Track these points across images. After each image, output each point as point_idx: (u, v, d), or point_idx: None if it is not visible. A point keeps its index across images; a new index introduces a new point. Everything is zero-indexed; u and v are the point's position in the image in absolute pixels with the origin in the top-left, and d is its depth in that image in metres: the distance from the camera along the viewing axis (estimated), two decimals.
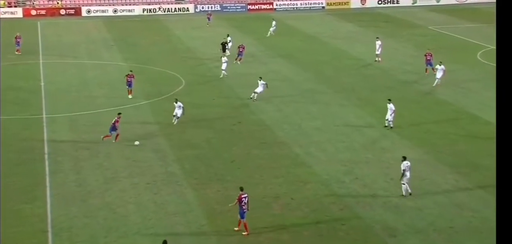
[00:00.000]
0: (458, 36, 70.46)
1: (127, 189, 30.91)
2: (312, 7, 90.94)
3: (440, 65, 49.04)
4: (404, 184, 29.82)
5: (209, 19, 78.47)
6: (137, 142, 36.54)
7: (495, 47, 63.35)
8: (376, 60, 56.93)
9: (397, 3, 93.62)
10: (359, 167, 33.48)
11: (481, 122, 40.94)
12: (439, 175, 32.46)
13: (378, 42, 57.83)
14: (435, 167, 33.40)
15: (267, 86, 45.87)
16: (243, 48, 57.57)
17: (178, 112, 39.88)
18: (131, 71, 47.92)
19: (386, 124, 39.18)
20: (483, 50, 62.67)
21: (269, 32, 70.34)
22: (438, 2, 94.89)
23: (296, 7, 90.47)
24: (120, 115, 37.74)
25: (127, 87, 46.51)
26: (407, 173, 29.79)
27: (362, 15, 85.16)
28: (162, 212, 28.58)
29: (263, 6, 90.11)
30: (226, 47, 58.91)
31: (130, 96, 46.04)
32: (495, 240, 25.85)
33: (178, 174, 32.68)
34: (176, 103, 40.31)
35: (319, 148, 36.34)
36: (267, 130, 39.50)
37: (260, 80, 45.97)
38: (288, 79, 52.25)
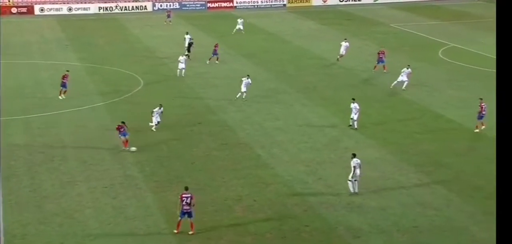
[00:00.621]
0: (420, 34, 71.40)
1: (84, 194, 30.57)
2: (273, 5, 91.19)
3: (407, 68, 48.97)
4: (350, 181, 30.04)
5: (169, 17, 78.13)
6: (133, 148, 35.45)
7: (458, 45, 64.49)
8: (338, 59, 57.16)
9: (358, 0, 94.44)
10: (322, 168, 33.67)
11: (444, 120, 41.54)
12: (403, 174, 32.83)
13: (346, 44, 57.51)
14: (399, 167, 33.77)
15: (250, 84, 45.58)
16: (218, 46, 57.20)
17: (156, 119, 38.74)
18: (67, 71, 47.45)
19: (351, 124, 39.45)
20: (444, 48, 63.63)
21: (235, 30, 70.28)
22: None
23: (257, 5, 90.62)
24: (124, 123, 36.48)
25: (61, 87, 45.89)
26: (357, 171, 30.03)
27: (324, 13, 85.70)
28: (121, 217, 28.33)
29: (223, 4, 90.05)
30: (191, 47, 58.46)
31: (61, 97, 45.36)
32: (457, 239, 26.38)
33: (137, 177, 32.44)
34: (159, 108, 39.10)
35: (282, 149, 36.45)
36: (228, 131, 39.46)
37: (245, 79, 45.62)
38: (249, 78, 52.21)
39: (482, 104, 39.26)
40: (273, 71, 54.65)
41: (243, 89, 45.41)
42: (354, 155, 30.55)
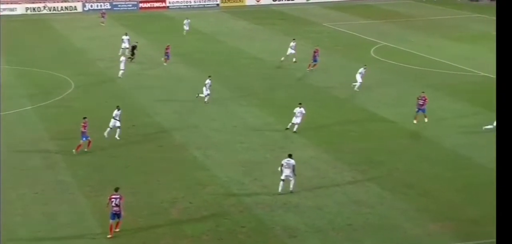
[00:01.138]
0: (353, 33, 72.44)
1: (14, 201, 29.76)
2: (206, 5, 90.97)
3: (364, 67, 49.28)
4: (282, 180, 30.27)
5: (103, 17, 76.90)
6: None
7: (388, 43, 65.71)
8: (282, 60, 57.14)
9: (291, 0, 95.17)
10: (258, 168, 33.75)
11: (377, 119, 42.22)
12: (338, 173, 33.22)
13: (294, 44, 57.22)
14: (334, 165, 34.14)
15: (210, 86, 45.09)
16: (169, 48, 56.60)
17: (115, 123, 37.52)
18: None
19: (288, 127, 39.24)
20: (376, 46, 64.74)
21: (184, 31, 69.68)
22: None
23: (190, 5, 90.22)
24: (86, 119, 35.70)
25: None
26: (285, 171, 30.16)
27: (257, 13, 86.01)
28: (53, 224, 27.71)
29: (156, 4, 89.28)
30: (134, 50, 57.50)
31: None
32: (391, 236, 26.84)
33: (70, 182, 31.80)
34: (118, 110, 37.84)
35: (218, 150, 36.36)
36: (163, 133, 39.13)
37: (208, 80, 45.14)
38: (185, 79, 52.00)
39: (423, 96, 40.22)
40: (208, 72, 54.40)
41: (205, 92, 44.77)
42: (289, 156, 30.70)
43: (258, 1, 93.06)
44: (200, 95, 45.03)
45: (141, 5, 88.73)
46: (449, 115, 42.73)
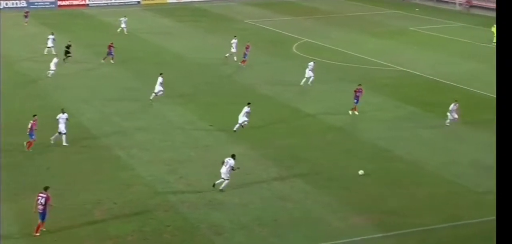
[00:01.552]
0: (275, 30, 72.98)
1: None
2: (127, 2, 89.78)
3: (313, 62, 49.59)
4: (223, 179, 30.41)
5: (26, 17, 74.61)
6: (361, 171, 32.62)
7: (310, 40, 66.53)
8: (227, 56, 56.87)
9: None
10: (183, 166, 33.59)
11: (302, 115, 42.68)
12: (263, 169, 33.41)
13: (235, 41, 56.98)
14: (259, 162, 34.31)
15: (161, 85, 44.39)
16: (112, 46, 55.60)
17: (61, 128, 36.25)
18: None
19: (236, 129, 38.86)
20: (298, 43, 65.45)
21: (120, 29, 68.28)
22: None
23: (110, 3, 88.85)
24: (36, 117, 34.95)
25: None
26: (222, 168, 30.37)
27: (179, 10, 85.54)
28: None
29: (75, 2, 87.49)
30: (69, 49, 56.04)
31: None
32: (315, 229, 27.21)
33: None
34: (63, 113, 36.65)
35: (142, 149, 35.98)
36: (86, 133, 38.42)
37: (160, 78, 44.46)
38: (107, 77, 51.21)
39: (360, 88, 41.72)
40: (131, 70, 53.84)
41: (158, 88, 44.14)
42: (232, 156, 30.62)
43: None
44: (154, 93, 44.32)
45: (59, 2, 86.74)
46: (370, 108, 43.62)
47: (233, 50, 56.49)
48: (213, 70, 54.22)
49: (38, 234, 25.97)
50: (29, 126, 35.20)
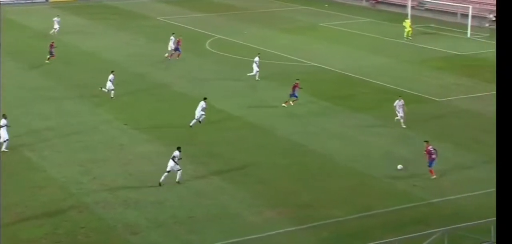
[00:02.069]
0: (187, 26, 72.64)
1: None
2: (34, 0, 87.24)
3: (258, 55, 50.31)
4: (167, 171, 30.50)
5: None
6: (400, 166, 32.48)
7: (223, 36, 66.56)
8: (167, 56, 56.13)
9: None
10: (97, 166, 32.95)
11: (215, 111, 42.61)
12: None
13: (173, 38, 56.60)
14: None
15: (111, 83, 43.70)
16: (53, 46, 54.33)
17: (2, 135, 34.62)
18: None
19: (192, 124, 38.69)
20: (211, 39, 65.40)
21: (53, 31, 65.75)
22: None
23: (16, 0, 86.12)
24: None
25: None
26: (169, 162, 30.59)
27: (89, 8, 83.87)
28: None
29: None
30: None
31: None
32: (231, 224, 27.27)
33: None
34: (5, 118, 34.87)
35: (54, 150, 35.07)
36: None
37: (110, 74, 43.94)
38: (15, 77, 49.63)
39: (297, 83, 42.46)
40: (41, 69, 52.40)
41: (109, 85, 43.56)
42: (178, 148, 30.99)
43: None
44: (103, 89, 43.30)
45: None
46: (279, 104, 44.03)
47: (172, 46, 56.32)
48: (125, 67, 53.44)
49: None
50: None
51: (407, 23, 65.51)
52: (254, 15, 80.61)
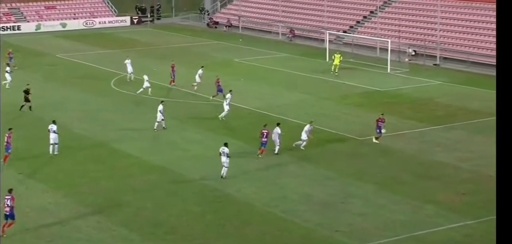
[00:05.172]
0: (90, 64, 71.73)
1: None
2: None
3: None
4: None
5: None
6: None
7: (129, 74, 65.98)
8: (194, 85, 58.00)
9: (18, 30, 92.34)
10: None
11: (121, 155, 42.03)
12: (81, 218, 32.36)
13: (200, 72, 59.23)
14: (76, 211, 33.19)
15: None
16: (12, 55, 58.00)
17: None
18: None
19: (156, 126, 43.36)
20: (117, 77, 64.71)
21: None
22: (64, 28, 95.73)
23: None
24: (11, 130, 38.82)
25: None
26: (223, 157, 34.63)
27: None
28: None
29: None
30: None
31: None
32: None
33: None
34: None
35: None
36: None
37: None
38: None
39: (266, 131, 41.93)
40: None
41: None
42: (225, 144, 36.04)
43: None
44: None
45: None
46: (195, 147, 43.91)
47: (199, 80, 58.58)
48: (16, 107, 51.99)
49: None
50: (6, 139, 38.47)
51: (337, 57, 66.49)
52: (164, 51, 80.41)
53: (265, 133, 41.11)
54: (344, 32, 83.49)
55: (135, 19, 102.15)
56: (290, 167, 40.02)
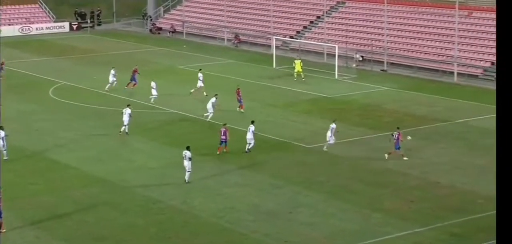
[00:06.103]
0: (26, 72, 70.63)
1: None
2: None
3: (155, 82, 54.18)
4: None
5: None
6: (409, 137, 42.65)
7: (69, 82, 65.15)
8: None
9: None
10: None
11: (60, 167, 41.41)
12: (18, 234, 31.79)
13: (200, 75, 60.69)
14: (14, 225, 32.53)
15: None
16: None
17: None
18: None
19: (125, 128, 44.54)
20: (55, 86, 63.81)
21: None
22: None
23: None
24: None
25: None
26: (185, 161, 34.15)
27: None
28: None
29: None
30: None
31: None
32: None
33: None
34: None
35: None
36: None
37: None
38: None
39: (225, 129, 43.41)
40: None
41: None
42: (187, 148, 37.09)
43: None
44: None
45: None
46: (138, 157, 43.56)
47: (201, 84, 59.84)
48: None
49: None
50: None
51: (298, 63, 66.68)
52: (105, 58, 79.55)
53: (223, 131, 42.86)
54: (291, 37, 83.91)
55: (74, 25, 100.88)
56: (236, 176, 39.97)
